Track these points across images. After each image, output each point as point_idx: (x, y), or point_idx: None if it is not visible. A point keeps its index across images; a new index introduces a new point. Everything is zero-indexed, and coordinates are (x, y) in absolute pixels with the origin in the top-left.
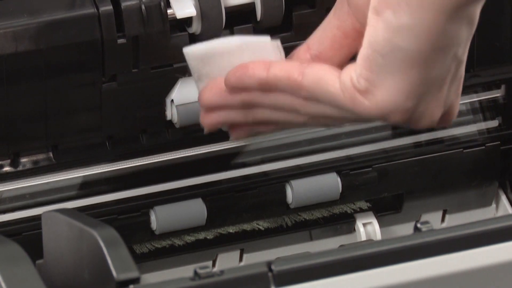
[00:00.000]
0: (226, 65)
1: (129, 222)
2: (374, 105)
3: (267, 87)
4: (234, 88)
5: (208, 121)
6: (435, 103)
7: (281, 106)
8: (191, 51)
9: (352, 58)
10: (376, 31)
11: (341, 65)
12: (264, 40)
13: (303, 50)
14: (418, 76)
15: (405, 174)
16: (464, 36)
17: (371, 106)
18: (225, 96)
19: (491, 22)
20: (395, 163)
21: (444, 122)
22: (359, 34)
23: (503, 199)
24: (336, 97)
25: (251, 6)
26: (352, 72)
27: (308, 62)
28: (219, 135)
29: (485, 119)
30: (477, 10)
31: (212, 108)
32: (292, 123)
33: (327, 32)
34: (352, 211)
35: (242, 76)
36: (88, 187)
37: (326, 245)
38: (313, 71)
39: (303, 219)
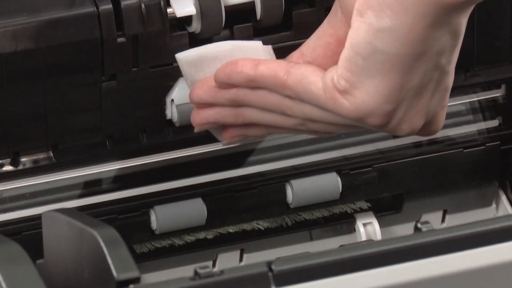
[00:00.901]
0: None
1: (129, 221)
2: (353, 106)
3: (254, 84)
4: (223, 84)
5: (198, 119)
6: (415, 110)
7: (268, 106)
8: (183, 57)
9: None
10: (358, 32)
11: None
12: (256, 44)
13: (297, 56)
14: (398, 80)
15: (405, 174)
16: (447, 46)
17: (350, 107)
18: (215, 93)
19: (491, 22)
20: (395, 163)
21: (426, 132)
22: None
23: (503, 199)
24: (318, 97)
25: (251, 5)
26: (334, 72)
27: (297, 63)
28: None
29: (485, 119)
30: (461, 21)
31: (202, 105)
32: (281, 126)
33: (321, 40)
34: (352, 211)
35: (231, 72)
36: (88, 186)
37: (326, 245)
38: (298, 71)
39: (303, 219)
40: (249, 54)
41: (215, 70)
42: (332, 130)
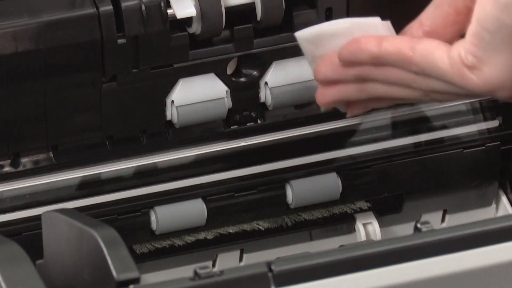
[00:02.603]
0: (338, 45)
1: (129, 222)
2: (482, 81)
3: (378, 61)
4: (347, 62)
5: (324, 98)
6: None
7: (393, 81)
8: (303, 35)
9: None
10: (484, 8)
11: (452, 41)
12: (375, 21)
13: (416, 26)
14: None
15: (405, 174)
16: None
17: (479, 82)
18: (339, 70)
19: None
20: (395, 163)
21: None
22: (471, 11)
23: (503, 199)
24: (445, 72)
25: (251, 6)
26: (461, 48)
27: (419, 38)
28: (218, 134)
29: (485, 119)
30: None
31: (327, 84)
32: (405, 98)
33: (440, 9)
34: (352, 211)
35: (355, 50)
36: (88, 187)
37: (326, 245)
38: (423, 46)
39: (303, 219)
40: (368, 31)
41: (335, 46)
42: (455, 99)
